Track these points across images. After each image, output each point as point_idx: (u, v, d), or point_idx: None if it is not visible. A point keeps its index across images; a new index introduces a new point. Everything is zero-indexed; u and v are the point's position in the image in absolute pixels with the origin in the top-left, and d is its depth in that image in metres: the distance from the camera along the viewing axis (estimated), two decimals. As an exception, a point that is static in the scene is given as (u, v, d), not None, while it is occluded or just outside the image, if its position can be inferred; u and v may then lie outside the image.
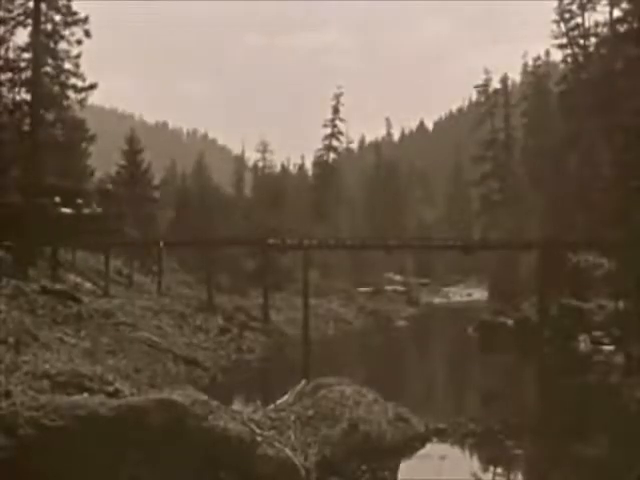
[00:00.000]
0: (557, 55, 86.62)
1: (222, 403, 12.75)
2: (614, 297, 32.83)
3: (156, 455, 10.73)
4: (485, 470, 14.54)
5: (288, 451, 11.73)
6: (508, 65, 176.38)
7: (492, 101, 65.33)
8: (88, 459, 10.48)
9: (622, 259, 33.12)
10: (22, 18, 35.49)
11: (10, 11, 35.35)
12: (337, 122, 71.60)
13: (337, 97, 71.30)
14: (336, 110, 71.14)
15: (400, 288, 63.31)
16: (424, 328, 47.76)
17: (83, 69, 36.57)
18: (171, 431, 11.05)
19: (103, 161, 56.87)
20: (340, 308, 47.65)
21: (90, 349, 20.77)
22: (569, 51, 50.70)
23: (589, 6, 48.69)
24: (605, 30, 47.11)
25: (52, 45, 36.13)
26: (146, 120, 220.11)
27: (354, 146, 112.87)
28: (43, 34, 35.82)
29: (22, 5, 35.52)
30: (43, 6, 35.78)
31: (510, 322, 36.15)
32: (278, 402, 14.64)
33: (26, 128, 36.17)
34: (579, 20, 49.44)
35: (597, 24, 48.24)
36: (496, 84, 65.93)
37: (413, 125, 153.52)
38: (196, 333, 29.62)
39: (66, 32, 36.06)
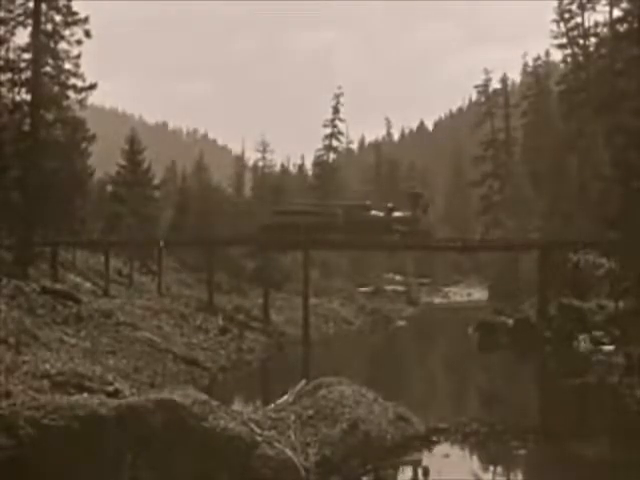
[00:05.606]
0: (557, 55, 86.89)
1: (222, 403, 12.75)
2: (614, 297, 32.82)
3: (156, 455, 10.73)
4: (486, 470, 14.54)
5: (288, 451, 11.73)
6: (508, 65, 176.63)
7: (492, 101, 65.39)
8: (88, 459, 10.48)
9: (622, 259, 33.11)
10: (22, 18, 35.47)
11: (10, 11, 35.33)
12: (337, 122, 71.68)
13: (337, 97, 71.37)
14: (336, 110, 71.20)
15: (400, 288, 63.22)
16: (424, 328, 47.74)
17: (83, 69, 36.64)
18: (171, 431, 11.05)
19: (103, 161, 56.81)
20: (340, 308, 47.56)
21: (90, 349, 20.76)
22: (569, 51, 50.80)
23: (589, 6, 48.80)
24: (605, 30, 47.16)
25: (52, 45, 36.10)
26: (146, 120, 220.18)
27: (354, 146, 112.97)
28: (43, 34, 35.79)
29: (22, 5, 35.51)
30: (43, 6, 35.77)
31: (510, 322, 36.10)
32: (278, 402, 14.63)
33: (26, 128, 36.14)
34: (579, 20, 49.56)
35: (597, 24, 48.39)
36: (496, 84, 66.05)
37: (413, 125, 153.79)
38: (196, 333, 29.57)
39: (66, 32, 36.06)
